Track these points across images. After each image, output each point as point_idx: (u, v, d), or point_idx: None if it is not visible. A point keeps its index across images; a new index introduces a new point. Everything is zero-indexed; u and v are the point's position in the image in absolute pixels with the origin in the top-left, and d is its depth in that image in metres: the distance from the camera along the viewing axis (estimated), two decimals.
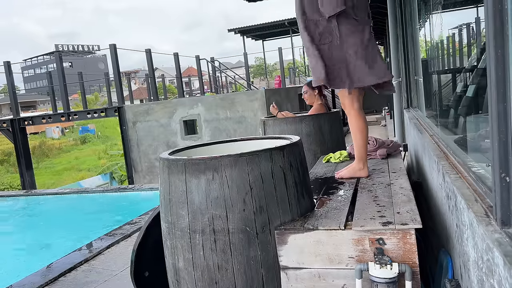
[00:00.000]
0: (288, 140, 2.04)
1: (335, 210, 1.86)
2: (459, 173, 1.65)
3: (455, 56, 3.19)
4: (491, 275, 1.02)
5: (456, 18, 2.87)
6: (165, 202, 1.85)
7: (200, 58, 14.77)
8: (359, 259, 1.62)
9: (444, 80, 3.41)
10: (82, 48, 61.97)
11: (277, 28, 19.51)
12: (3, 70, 11.39)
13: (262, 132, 4.08)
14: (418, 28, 4.24)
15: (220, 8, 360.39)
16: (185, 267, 1.83)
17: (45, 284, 3.27)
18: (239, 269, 1.73)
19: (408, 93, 5.01)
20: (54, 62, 12.76)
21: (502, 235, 1.01)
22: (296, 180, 1.86)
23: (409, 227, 1.58)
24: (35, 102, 47.94)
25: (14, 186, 17.49)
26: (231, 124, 9.52)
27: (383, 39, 11.35)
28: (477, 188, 1.38)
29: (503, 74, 0.98)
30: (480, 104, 2.04)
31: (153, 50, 11.49)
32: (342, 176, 2.48)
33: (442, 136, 2.48)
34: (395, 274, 1.51)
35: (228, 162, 1.71)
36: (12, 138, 11.69)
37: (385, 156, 2.97)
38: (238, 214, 1.71)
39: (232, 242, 1.72)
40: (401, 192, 2.05)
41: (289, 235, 1.71)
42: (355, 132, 2.40)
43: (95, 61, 60.22)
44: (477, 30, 2.38)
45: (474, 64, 2.38)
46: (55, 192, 8.67)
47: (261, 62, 37.76)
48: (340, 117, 4.24)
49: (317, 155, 3.73)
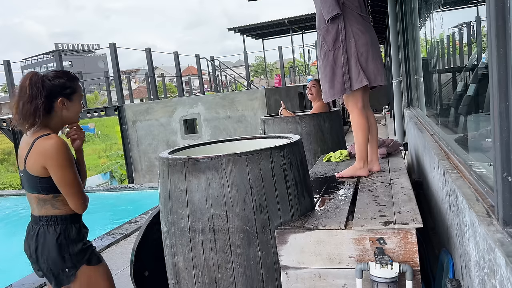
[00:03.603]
0: (288, 139, 2.04)
1: (335, 210, 1.86)
2: (460, 173, 1.64)
3: (456, 55, 3.18)
4: (493, 275, 1.02)
5: (456, 16, 2.86)
6: (165, 202, 1.85)
7: (200, 57, 14.76)
8: (360, 259, 1.62)
9: (445, 79, 3.41)
10: (82, 47, 61.98)
11: (277, 27, 19.50)
12: (3, 69, 11.38)
13: (262, 131, 4.07)
14: (418, 27, 4.23)
15: (221, 7, 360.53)
16: (185, 267, 1.83)
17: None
18: (239, 268, 1.73)
19: (408, 92, 5.01)
20: (54, 61, 12.74)
21: (504, 235, 1.00)
22: (296, 179, 1.85)
23: (410, 227, 1.58)
24: None
25: (14, 185, 17.50)
26: (231, 123, 9.52)
27: (383, 38, 11.35)
28: (478, 187, 1.38)
29: (505, 73, 0.97)
30: (480, 103, 2.03)
31: (154, 49, 11.49)
32: (342, 176, 2.47)
33: (442, 135, 2.47)
34: (395, 273, 1.50)
35: (228, 161, 1.71)
36: (12, 137, 11.69)
37: (386, 155, 2.97)
38: (238, 214, 1.71)
39: (232, 241, 1.72)
40: (402, 191, 2.05)
41: (289, 234, 1.71)
42: (356, 130, 2.40)
43: (95, 60, 60.21)
44: (477, 29, 2.37)
45: (475, 63, 2.38)
46: None
47: (261, 61, 37.74)
48: (340, 116, 4.23)
49: (317, 154, 3.73)
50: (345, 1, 2.25)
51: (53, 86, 1.65)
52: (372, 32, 2.35)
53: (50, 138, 1.61)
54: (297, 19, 18.54)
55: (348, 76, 2.24)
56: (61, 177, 1.60)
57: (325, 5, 2.25)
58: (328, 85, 2.30)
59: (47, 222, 1.65)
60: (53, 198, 1.64)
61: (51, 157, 1.58)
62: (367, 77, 2.25)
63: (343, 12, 2.24)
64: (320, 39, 2.32)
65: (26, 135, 1.68)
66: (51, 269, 1.68)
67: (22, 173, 1.68)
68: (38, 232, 1.66)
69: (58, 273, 1.68)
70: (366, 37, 2.26)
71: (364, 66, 2.25)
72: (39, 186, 1.63)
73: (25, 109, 1.60)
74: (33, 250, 1.67)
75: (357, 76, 2.24)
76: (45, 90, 1.62)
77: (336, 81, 2.27)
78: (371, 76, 2.27)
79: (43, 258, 1.66)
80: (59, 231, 1.65)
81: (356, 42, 2.24)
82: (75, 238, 1.71)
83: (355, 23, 2.25)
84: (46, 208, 1.65)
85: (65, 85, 1.67)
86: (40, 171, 1.61)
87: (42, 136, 1.62)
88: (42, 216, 1.66)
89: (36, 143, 1.60)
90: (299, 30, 20.76)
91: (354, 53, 2.24)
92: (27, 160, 1.62)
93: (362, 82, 2.24)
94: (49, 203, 1.64)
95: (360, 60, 2.24)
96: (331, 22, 2.25)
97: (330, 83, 2.29)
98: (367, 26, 2.31)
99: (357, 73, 2.24)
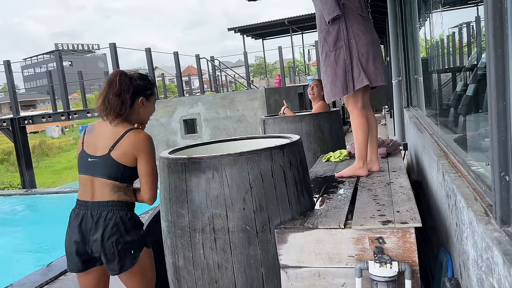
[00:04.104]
0: (288, 139, 2.04)
1: (335, 209, 1.87)
2: (459, 172, 1.65)
3: (455, 55, 3.19)
4: (491, 274, 1.03)
5: (456, 17, 2.87)
6: (165, 201, 1.86)
7: (200, 57, 14.77)
8: (359, 258, 1.62)
9: (444, 79, 3.42)
10: (82, 47, 61.95)
11: (277, 27, 19.51)
12: (3, 69, 11.39)
13: (262, 131, 4.08)
14: (418, 27, 4.23)
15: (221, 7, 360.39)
16: (185, 266, 1.84)
17: (45, 283, 3.27)
18: (239, 268, 1.74)
19: (408, 92, 5.01)
20: (54, 61, 12.74)
21: (501, 234, 1.01)
22: (296, 179, 1.86)
23: (409, 226, 1.58)
24: (35, 101, 47.96)
25: (14, 185, 17.48)
26: (231, 123, 9.52)
27: (383, 38, 11.35)
28: (476, 187, 1.38)
29: (502, 73, 0.98)
30: (479, 103, 2.04)
31: (155, 49, 11.50)
32: (342, 175, 2.48)
33: (442, 135, 2.48)
34: (395, 273, 1.51)
35: (228, 161, 1.71)
36: (12, 137, 11.70)
37: (385, 155, 2.97)
38: (238, 213, 1.71)
39: (232, 241, 1.73)
40: (401, 191, 2.06)
41: (289, 234, 1.71)
42: (356, 130, 2.41)
43: (95, 60, 60.20)
44: (477, 29, 2.38)
45: (474, 63, 2.38)
46: (55, 191, 8.68)
47: (261, 61, 37.73)
48: (340, 116, 4.24)
49: (317, 154, 3.73)
50: (345, 2, 2.25)
51: (138, 86, 1.84)
52: (373, 32, 2.36)
53: (141, 132, 1.79)
54: (297, 19, 18.55)
55: (350, 76, 2.25)
56: (149, 168, 1.76)
57: (325, 6, 2.25)
58: (330, 86, 2.31)
59: (118, 207, 1.74)
60: (126, 187, 1.77)
61: (143, 150, 1.74)
62: (367, 77, 2.25)
63: (344, 13, 2.24)
64: (321, 40, 2.33)
65: (111, 125, 1.80)
66: (119, 252, 1.73)
67: (99, 158, 1.77)
68: (106, 216, 1.72)
69: (125, 256, 1.74)
70: (367, 37, 2.27)
71: (365, 66, 2.26)
72: (119, 174, 1.75)
73: (114, 100, 1.77)
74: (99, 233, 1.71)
75: (357, 76, 2.25)
76: (132, 87, 1.82)
77: (338, 81, 2.27)
78: (371, 76, 2.27)
79: (110, 241, 1.71)
80: (129, 215, 1.76)
81: (357, 43, 2.24)
82: (140, 223, 1.84)
83: (355, 23, 2.26)
84: (119, 194, 1.75)
85: (146, 86, 1.87)
86: (129, 161, 1.74)
87: (132, 129, 1.78)
88: (114, 201, 1.74)
89: (128, 135, 1.75)
90: (299, 30, 20.77)
91: (355, 53, 2.24)
92: (115, 148, 1.75)
93: (362, 82, 2.25)
94: (122, 190, 1.75)
95: (361, 60, 2.25)
96: (331, 23, 2.26)
97: (331, 83, 2.29)
98: (367, 26, 2.31)
99: (358, 73, 2.25)
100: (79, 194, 1.81)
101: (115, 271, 1.76)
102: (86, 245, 1.76)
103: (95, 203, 1.76)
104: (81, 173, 1.82)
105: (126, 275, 1.79)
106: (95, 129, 1.85)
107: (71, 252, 1.79)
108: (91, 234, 1.74)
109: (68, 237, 1.80)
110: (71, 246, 1.79)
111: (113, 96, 1.78)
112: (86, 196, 1.79)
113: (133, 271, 1.78)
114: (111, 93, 1.79)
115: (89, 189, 1.78)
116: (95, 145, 1.80)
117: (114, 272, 1.77)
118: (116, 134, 1.78)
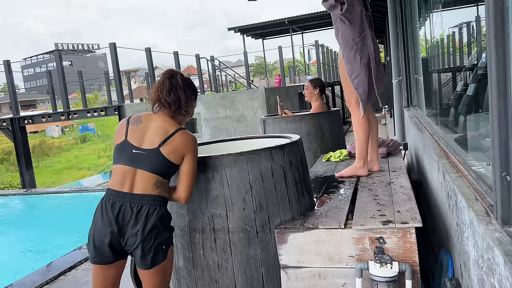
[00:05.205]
0: (288, 139, 2.04)
1: (335, 209, 1.86)
2: (460, 172, 1.65)
3: (455, 54, 3.18)
4: (492, 274, 1.02)
5: (456, 16, 2.86)
6: None
7: (200, 57, 14.76)
8: (359, 258, 1.62)
9: (444, 79, 3.41)
10: (82, 47, 61.96)
11: (277, 27, 19.48)
12: (3, 69, 11.39)
13: (262, 131, 4.07)
14: (418, 27, 4.23)
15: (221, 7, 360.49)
16: (185, 266, 1.83)
17: (45, 283, 3.27)
18: (239, 268, 1.73)
19: (408, 91, 5.01)
20: (54, 61, 12.74)
21: (502, 234, 1.01)
22: (296, 179, 1.85)
23: (409, 226, 1.58)
24: (35, 101, 47.96)
25: (14, 185, 17.48)
26: (231, 123, 9.52)
27: (383, 37, 11.34)
28: (477, 187, 1.38)
29: (503, 73, 0.97)
30: (480, 103, 2.04)
31: (155, 49, 11.51)
32: (342, 175, 2.48)
33: (442, 134, 2.48)
34: (395, 273, 1.51)
35: (228, 161, 1.71)
36: (12, 137, 11.69)
37: (385, 155, 2.97)
38: (238, 213, 1.71)
39: (232, 241, 1.72)
40: (401, 191, 2.05)
41: (289, 234, 1.71)
42: (357, 129, 2.41)
43: (95, 60, 60.19)
44: (477, 29, 2.38)
45: (474, 63, 2.38)
46: (55, 191, 8.67)
47: (261, 61, 37.72)
48: (340, 116, 4.24)
49: (317, 154, 3.73)
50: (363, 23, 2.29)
51: (193, 88, 1.93)
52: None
53: (190, 133, 1.81)
54: (297, 19, 18.52)
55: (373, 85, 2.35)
56: (192, 168, 1.76)
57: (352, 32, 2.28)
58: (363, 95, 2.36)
59: (159, 202, 1.73)
60: (167, 183, 1.78)
61: (191, 150, 1.76)
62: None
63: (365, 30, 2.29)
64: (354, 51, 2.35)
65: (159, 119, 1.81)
66: (155, 247, 1.70)
67: (145, 151, 1.75)
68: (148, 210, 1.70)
69: (159, 251, 1.71)
70: (375, 46, 2.35)
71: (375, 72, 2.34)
72: (165, 169, 1.74)
73: (176, 95, 1.82)
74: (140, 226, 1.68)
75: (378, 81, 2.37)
76: (190, 86, 1.91)
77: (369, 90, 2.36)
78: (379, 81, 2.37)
79: (150, 236, 1.69)
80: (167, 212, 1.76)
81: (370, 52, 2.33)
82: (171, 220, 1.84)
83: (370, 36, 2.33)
84: (161, 189, 1.74)
85: (195, 90, 1.95)
86: (176, 159, 1.74)
87: (182, 129, 1.81)
88: (155, 196, 1.73)
89: (180, 133, 1.77)
90: (299, 30, 20.75)
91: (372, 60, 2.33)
92: (165, 144, 1.75)
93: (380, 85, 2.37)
94: (163, 186, 1.75)
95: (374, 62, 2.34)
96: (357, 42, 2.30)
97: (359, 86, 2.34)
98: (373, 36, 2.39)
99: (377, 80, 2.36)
100: (114, 184, 1.75)
101: (147, 265, 1.72)
102: (121, 237, 1.72)
103: (136, 196, 1.72)
104: (121, 163, 1.77)
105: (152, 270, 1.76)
106: (142, 121, 1.83)
107: (102, 243, 1.73)
108: (130, 226, 1.70)
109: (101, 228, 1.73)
110: (104, 237, 1.72)
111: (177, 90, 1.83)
112: (124, 187, 1.74)
113: (159, 267, 1.76)
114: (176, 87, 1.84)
115: (129, 180, 1.74)
116: (141, 137, 1.78)
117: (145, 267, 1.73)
118: (166, 130, 1.77)
